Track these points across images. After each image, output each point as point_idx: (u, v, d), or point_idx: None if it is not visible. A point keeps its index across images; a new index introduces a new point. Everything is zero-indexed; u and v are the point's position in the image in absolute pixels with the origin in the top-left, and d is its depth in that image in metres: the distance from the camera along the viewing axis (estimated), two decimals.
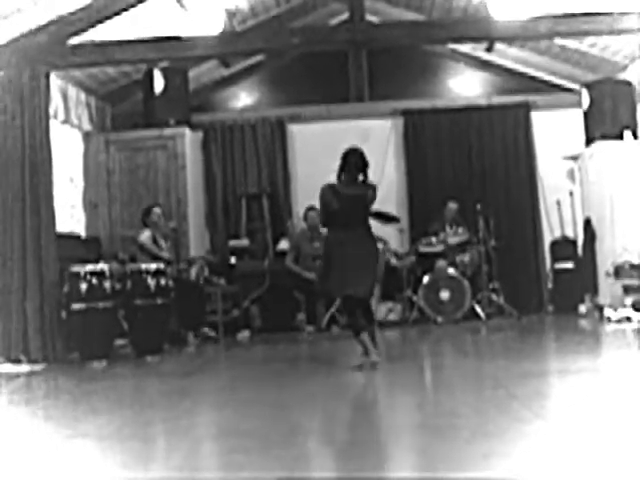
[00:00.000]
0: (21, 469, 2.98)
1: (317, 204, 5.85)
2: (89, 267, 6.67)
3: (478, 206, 9.16)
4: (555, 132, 10.09)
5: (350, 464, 2.82)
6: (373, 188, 5.67)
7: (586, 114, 9.35)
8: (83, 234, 9.19)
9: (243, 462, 2.83)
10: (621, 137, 8.98)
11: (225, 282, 8.96)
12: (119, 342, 7.22)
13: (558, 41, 9.45)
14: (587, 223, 9.24)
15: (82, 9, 7.06)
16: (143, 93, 9.53)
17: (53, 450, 3.28)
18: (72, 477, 2.86)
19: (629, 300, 8.13)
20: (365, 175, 5.64)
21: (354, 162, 5.59)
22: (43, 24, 7.02)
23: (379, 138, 10.06)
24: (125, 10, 7.31)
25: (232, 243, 9.71)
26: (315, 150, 9.84)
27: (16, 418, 4.28)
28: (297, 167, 10.22)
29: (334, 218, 5.60)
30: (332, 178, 5.67)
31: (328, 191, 5.60)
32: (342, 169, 5.61)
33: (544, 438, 2.99)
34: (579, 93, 9.59)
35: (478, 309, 8.98)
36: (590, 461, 2.62)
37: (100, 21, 7.24)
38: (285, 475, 2.66)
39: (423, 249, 9.25)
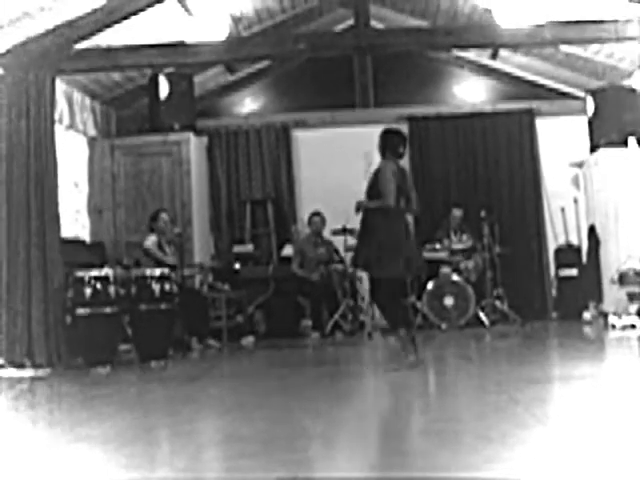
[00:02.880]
0: (25, 472, 2.99)
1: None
2: (94, 272, 6.66)
3: (482, 213, 9.17)
4: (560, 139, 10.11)
5: (352, 468, 2.82)
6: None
7: (591, 121, 9.36)
8: (88, 239, 9.21)
9: (247, 466, 2.83)
10: (626, 144, 8.99)
11: (229, 287, 8.96)
12: (123, 347, 7.22)
13: (563, 48, 9.46)
14: (591, 230, 9.23)
15: (88, 14, 7.09)
16: (148, 98, 9.55)
17: (57, 453, 3.29)
18: (75, 479, 2.87)
19: (634, 307, 8.12)
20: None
21: (398, 143, 5.75)
22: (49, 29, 7.05)
23: None
24: (131, 15, 7.34)
25: (236, 248, 9.72)
26: (320, 156, 9.89)
27: (20, 422, 4.29)
28: (302, 173, 10.24)
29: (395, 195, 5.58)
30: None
31: (391, 166, 5.63)
32: (386, 148, 5.71)
33: (546, 444, 2.99)
34: (584, 100, 9.60)
35: (482, 315, 8.97)
36: (592, 467, 2.62)
37: (106, 26, 7.27)
38: (287, 476, 2.66)
39: (427, 255, 9.25)
